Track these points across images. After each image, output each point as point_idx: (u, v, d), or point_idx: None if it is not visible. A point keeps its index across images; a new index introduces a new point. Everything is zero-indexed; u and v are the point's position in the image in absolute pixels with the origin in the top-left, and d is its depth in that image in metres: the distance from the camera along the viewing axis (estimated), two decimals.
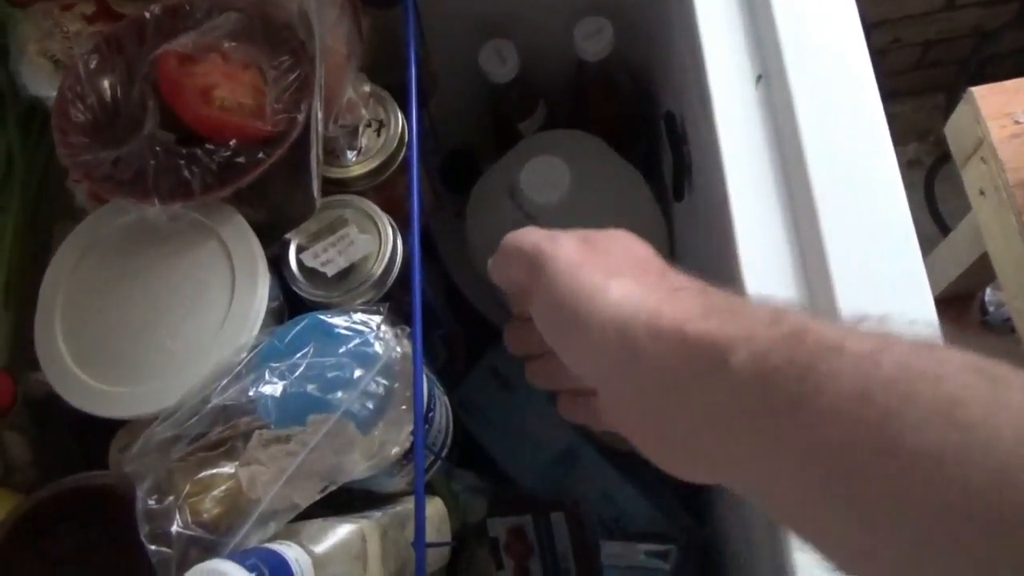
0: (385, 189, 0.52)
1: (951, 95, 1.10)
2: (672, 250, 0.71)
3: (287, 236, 0.47)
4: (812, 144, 0.33)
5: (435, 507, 0.53)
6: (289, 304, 0.48)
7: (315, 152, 0.41)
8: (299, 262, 0.47)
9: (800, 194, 0.33)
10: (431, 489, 0.55)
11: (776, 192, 0.34)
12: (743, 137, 0.35)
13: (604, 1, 0.65)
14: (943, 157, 1.09)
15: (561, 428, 0.78)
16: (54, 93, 0.46)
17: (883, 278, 0.30)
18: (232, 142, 0.40)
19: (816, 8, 0.36)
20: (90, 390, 0.40)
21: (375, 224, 0.48)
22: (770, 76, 0.36)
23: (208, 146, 0.40)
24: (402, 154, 0.51)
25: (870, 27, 0.40)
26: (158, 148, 0.40)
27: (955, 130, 0.68)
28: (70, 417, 0.45)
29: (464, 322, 0.80)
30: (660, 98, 0.66)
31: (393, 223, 0.49)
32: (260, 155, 0.41)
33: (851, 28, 0.35)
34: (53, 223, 0.51)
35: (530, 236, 0.34)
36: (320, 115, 0.42)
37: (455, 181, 0.80)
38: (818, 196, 0.32)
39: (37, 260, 0.50)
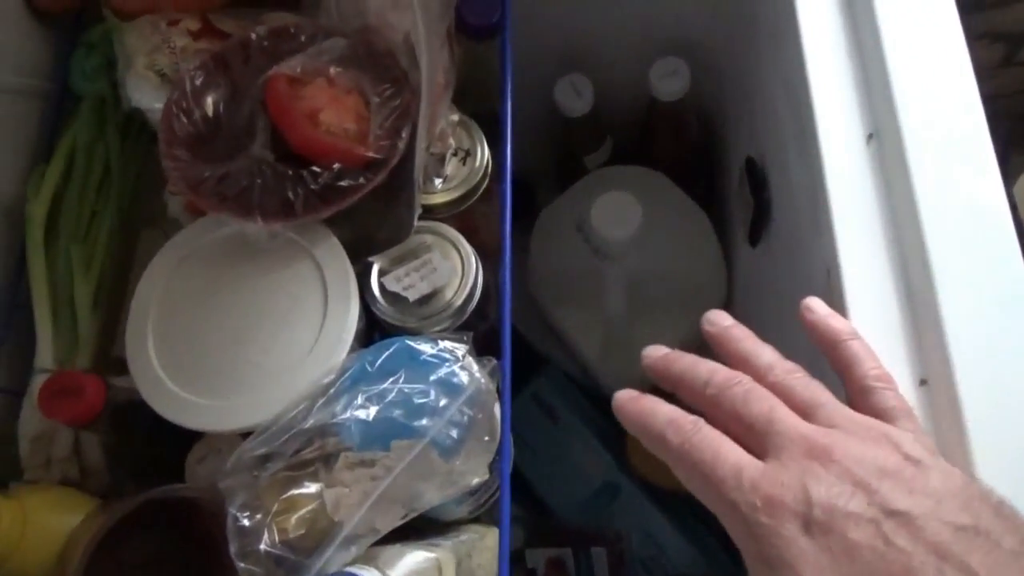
0: (464, 217, 0.52)
1: (1006, 153, 1.10)
2: (729, 292, 0.71)
3: (370, 259, 0.48)
4: (927, 205, 0.33)
5: (495, 538, 0.53)
6: (365, 326, 0.48)
7: (418, 181, 0.42)
8: (381, 285, 0.48)
9: (913, 255, 0.33)
10: (490, 519, 0.55)
11: (885, 246, 0.34)
12: (852, 193, 0.36)
13: (682, 43, 0.66)
14: None
15: (604, 461, 0.77)
16: (157, 105, 0.47)
17: (1003, 345, 0.30)
18: (336, 166, 0.41)
19: (931, 63, 0.36)
20: (178, 400, 0.41)
21: (457, 251, 0.49)
22: (882, 135, 0.36)
23: (313, 168, 0.41)
24: (485, 184, 0.52)
25: None
26: (265, 167, 0.41)
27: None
28: (146, 424, 0.46)
29: (512, 350, 0.80)
30: (733, 141, 0.67)
31: (475, 251, 0.49)
32: (361, 179, 0.41)
33: (966, 84, 0.36)
34: (140, 231, 0.51)
35: (727, 474, 0.29)
36: (424, 145, 0.42)
37: (513, 211, 0.81)
38: (934, 258, 0.32)
39: (123, 266, 0.51)
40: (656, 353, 0.34)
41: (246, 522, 0.36)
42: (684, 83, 0.63)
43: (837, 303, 0.35)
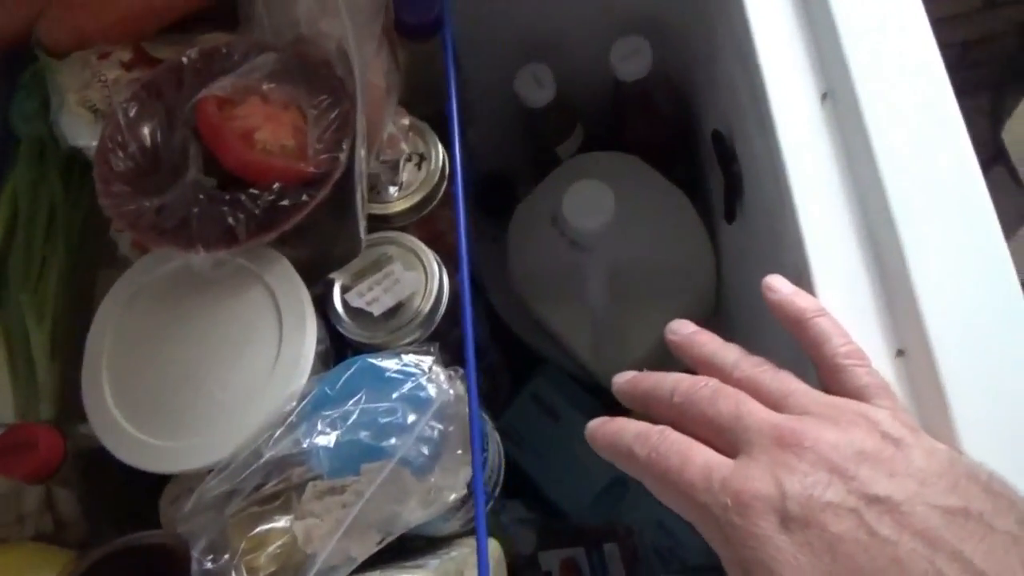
0: (427, 223, 0.51)
1: (996, 97, 1.07)
2: (718, 271, 0.69)
3: (331, 276, 0.46)
4: (886, 161, 0.31)
5: (492, 548, 0.51)
6: (334, 346, 0.47)
7: (360, 190, 0.40)
8: (344, 302, 0.46)
9: (876, 212, 0.31)
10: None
11: (850, 213, 0.32)
12: (810, 158, 0.33)
13: (640, 21, 0.64)
14: (991, 160, 1.05)
15: None
16: (94, 143, 0.45)
17: (978, 307, 0.28)
18: (275, 185, 0.39)
19: (882, 18, 0.34)
20: (139, 444, 0.39)
21: (420, 260, 0.47)
22: (836, 94, 0.34)
23: (252, 190, 0.39)
24: (444, 187, 0.50)
25: None
26: (201, 195, 0.39)
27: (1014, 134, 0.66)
28: (118, 470, 0.44)
29: (505, 348, 0.78)
30: (703, 116, 0.64)
31: (438, 258, 0.48)
32: (304, 197, 0.40)
33: (922, 36, 0.34)
34: (95, 272, 0.50)
35: (695, 477, 0.27)
36: (363, 153, 0.41)
37: (491, 206, 0.79)
38: (897, 214, 0.30)
39: (79, 310, 0.49)
40: (622, 379, 0.33)
41: (210, 564, 0.35)
42: (646, 62, 0.61)
43: (805, 277, 0.33)
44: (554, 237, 0.64)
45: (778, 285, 0.31)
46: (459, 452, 0.40)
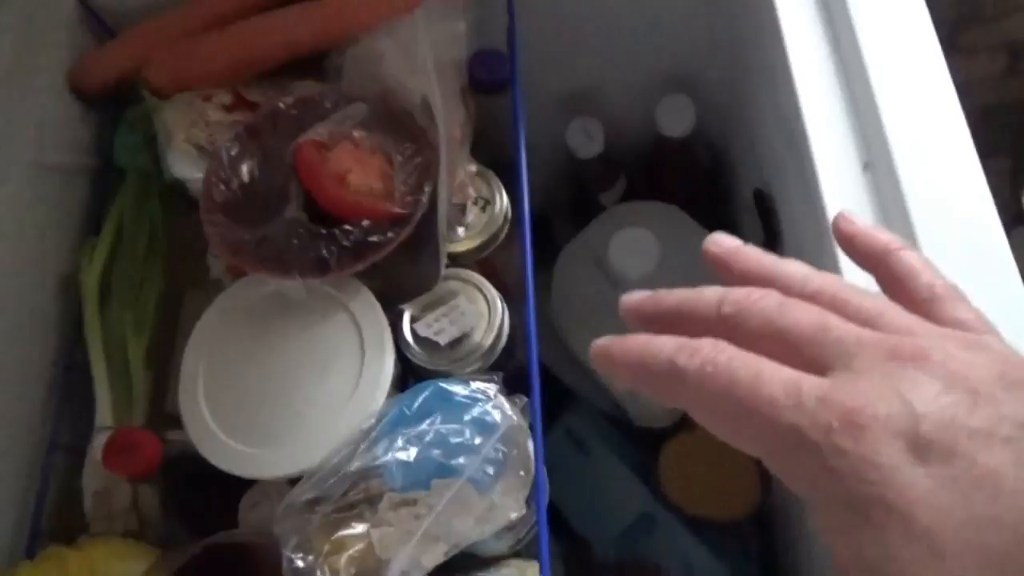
0: (486, 261, 0.55)
1: (1018, 159, 1.11)
2: None
3: (401, 307, 0.51)
4: (923, 229, 0.35)
5: (535, 572, 0.54)
6: (401, 371, 0.51)
7: (443, 230, 0.45)
8: (413, 331, 0.50)
9: None
10: (530, 553, 0.56)
11: None
12: None
13: (684, 81, 0.69)
14: (1012, 221, 1.09)
15: (638, 492, 0.78)
16: (196, 175, 0.50)
17: None
18: (364, 222, 0.44)
19: (919, 97, 0.38)
20: (230, 450, 0.43)
21: (483, 295, 0.51)
22: (876, 164, 0.38)
23: (344, 227, 0.44)
24: (505, 229, 0.54)
25: None
26: (300, 228, 0.44)
27: None
28: (198, 474, 0.48)
29: (541, 386, 0.82)
30: (741, 172, 0.69)
31: (499, 294, 0.52)
32: (389, 234, 0.44)
33: (951, 109, 0.38)
34: (183, 292, 0.55)
35: (777, 391, 0.20)
36: (446, 196, 0.45)
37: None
38: None
39: (169, 326, 0.54)
40: (635, 296, 0.26)
41: (300, 563, 0.38)
42: (690, 120, 0.66)
43: None
44: (598, 278, 0.68)
45: (855, 218, 0.26)
46: (521, 474, 0.43)
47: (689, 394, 0.22)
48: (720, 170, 0.75)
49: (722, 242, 0.27)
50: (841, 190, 0.38)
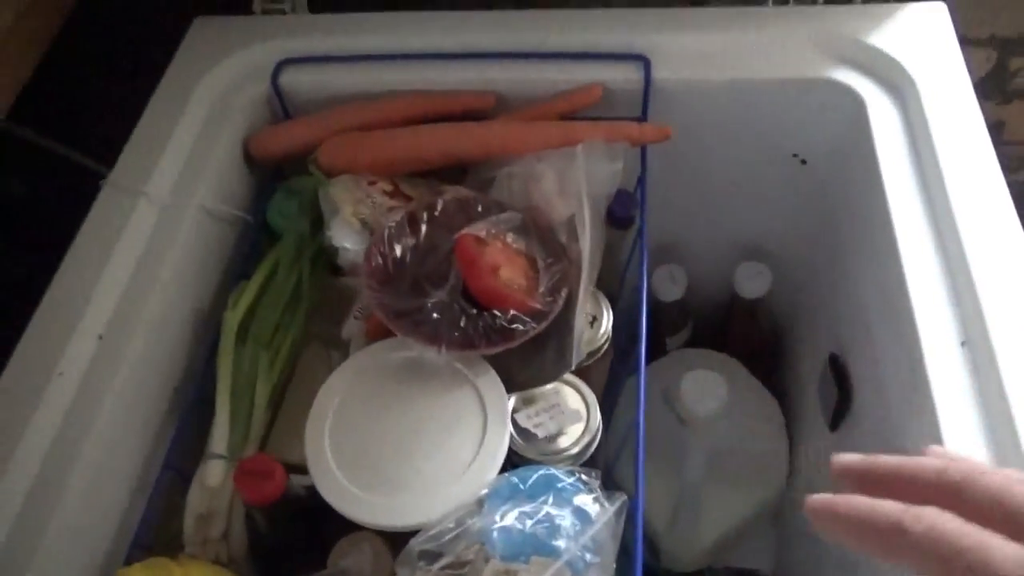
0: (584, 372, 0.60)
1: None
2: (789, 472, 0.77)
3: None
4: (1020, 407, 0.41)
5: None
6: None
7: (578, 333, 0.50)
8: (514, 420, 0.55)
9: (1009, 446, 0.41)
10: None
11: (984, 438, 0.42)
12: (955, 400, 0.43)
13: (764, 249, 0.77)
14: None
15: None
16: (354, 245, 0.56)
17: None
18: (510, 312, 0.50)
19: (1013, 276, 0.45)
20: (348, 494, 0.47)
21: (583, 399, 0.56)
22: (973, 342, 0.44)
23: (493, 312, 0.49)
24: (605, 346, 0.60)
25: None
26: (454, 306, 0.50)
27: None
28: (294, 519, 0.51)
29: None
30: (807, 337, 0.75)
31: (596, 401, 0.57)
32: (530, 325, 0.50)
33: None
34: (303, 347, 0.59)
35: (1009, 566, 0.21)
36: (579, 305, 0.51)
37: None
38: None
39: (289, 375, 0.58)
40: (849, 457, 0.28)
41: None
42: (766, 285, 0.74)
43: None
44: (662, 412, 0.73)
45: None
46: (612, 567, 0.46)
47: (912, 555, 0.23)
48: (780, 332, 0.82)
49: (851, 458, 0.28)
50: (942, 362, 0.44)
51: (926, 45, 0.60)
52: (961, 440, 0.41)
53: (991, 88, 0.88)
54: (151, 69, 0.66)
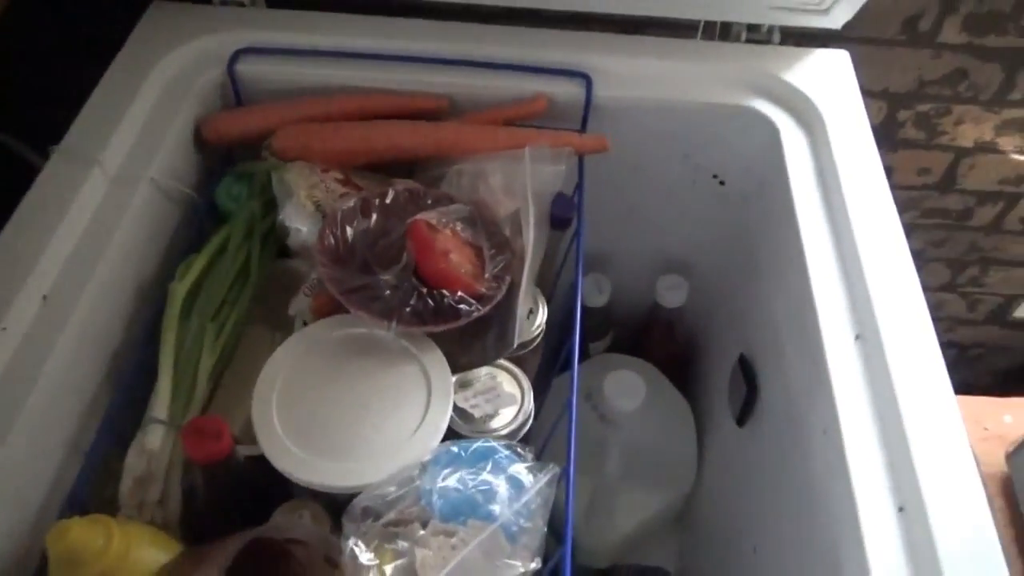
0: (518, 361, 0.64)
1: None
2: (703, 472, 0.82)
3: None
4: (905, 398, 0.47)
5: None
6: None
7: (519, 314, 0.54)
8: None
9: (891, 423, 0.47)
10: None
11: (873, 421, 0.48)
12: (850, 386, 0.49)
13: (684, 262, 0.83)
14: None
15: None
16: (306, 227, 0.59)
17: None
18: (458, 293, 0.53)
19: (897, 277, 0.52)
20: (295, 457, 0.48)
21: (518, 384, 0.60)
22: (865, 336, 0.51)
23: (442, 291, 0.53)
24: (539, 339, 0.64)
25: None
26: (405, 284, 0.52)
27: None
28: (234, 485, 0.52)
29: None
30: (717, 342, 0.82)
31: (530, 386, 0.60)
32: (475, 308, 0.53)
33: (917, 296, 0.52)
34: (248, 325, 0.60)
35: None
36: (522, 292, 0.55)
37: None
38: (908, 430, 0.46)
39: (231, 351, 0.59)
40: None
41: (362, 557, 0.43)
42: (684, 295, 0.80)
43: (835, 453, 0.47)
44: (584, 410, 0.77)
45: None
46: (543, 533, 0.50)
47: None
48: (695, 340, 0.88)
49: None
50: (839, 354, 0.50)
51: (832, 85, 0.68)
52: (854, 420, 0.47)
53: (881, 137, 0.99)
54: (100, 56, 0.66)
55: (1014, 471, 0.88)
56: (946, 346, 1.24)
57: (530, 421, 0.59)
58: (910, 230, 0.74)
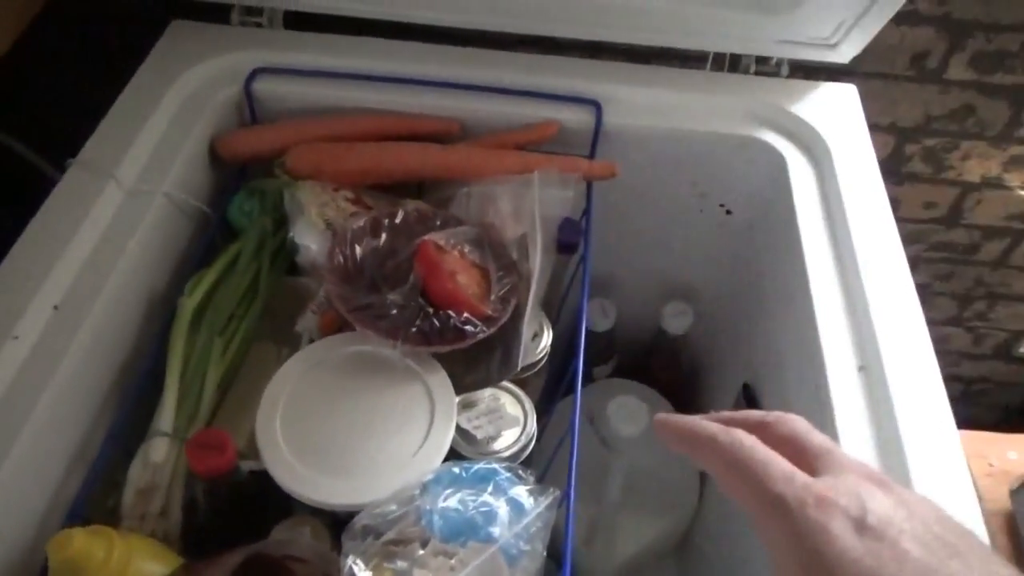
0: (522, 383, 0.64)
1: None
2: (700, 495, 0.82)
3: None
4: (907, 431, 0.47)
5: None
6: None
7: (524, 337, 0.54)
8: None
9: (893, 453, 0.47)
10: None
11: (873, 442, 0.48)
12: (852, 416, 0.49)
13: (690, 290, 0.83)
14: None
15: None
16: (313, 245, 0.59)
17: None
18: (464, 314, 0.53)
19: (901, 309, 0.52)
20: (298, 474, 0.48)
21: (521, 406, 0.60)
22: (869, 368, 0.51)
23: (448, 313, 0.53)
24: (543, 361, 0.64)
25: None
26: (411, 304, 0.53)
27: None
28: (235, 500, 0.52)
29: None
30: (719, 370, 0.82)
31: (533, 408, 0.60)
32: (480, 329, 0.54)
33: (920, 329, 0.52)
34: (255, 341, 0.61)
35: (777, 472, 0.29)
36: (528, 317, 0.55)
37: None
38: (913, 470, 0.46)
39: (236, 367, 0.59)
40: (687, 420, 0.34)
41: (360, 574, 0.43)
42: (689, 322, 0.80)
43: None
44: (586, 435, 0.77)
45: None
46: (543, 556, 0.50)
47: (716, 458, 0.31)
48: (699, 367, 0.88)
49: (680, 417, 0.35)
50: (843, 384, 0.50)
51: (839, 118, 0.68)
52: (856, 447, 0.47)
53: (888, 170, 1.00)
54: (120, 71, 0.67)
55: (1017, 507, 0.88)
56: (951, 380, 1.25)
57: (532, 444, 0.59)
58: (916, 263, 0.74)
